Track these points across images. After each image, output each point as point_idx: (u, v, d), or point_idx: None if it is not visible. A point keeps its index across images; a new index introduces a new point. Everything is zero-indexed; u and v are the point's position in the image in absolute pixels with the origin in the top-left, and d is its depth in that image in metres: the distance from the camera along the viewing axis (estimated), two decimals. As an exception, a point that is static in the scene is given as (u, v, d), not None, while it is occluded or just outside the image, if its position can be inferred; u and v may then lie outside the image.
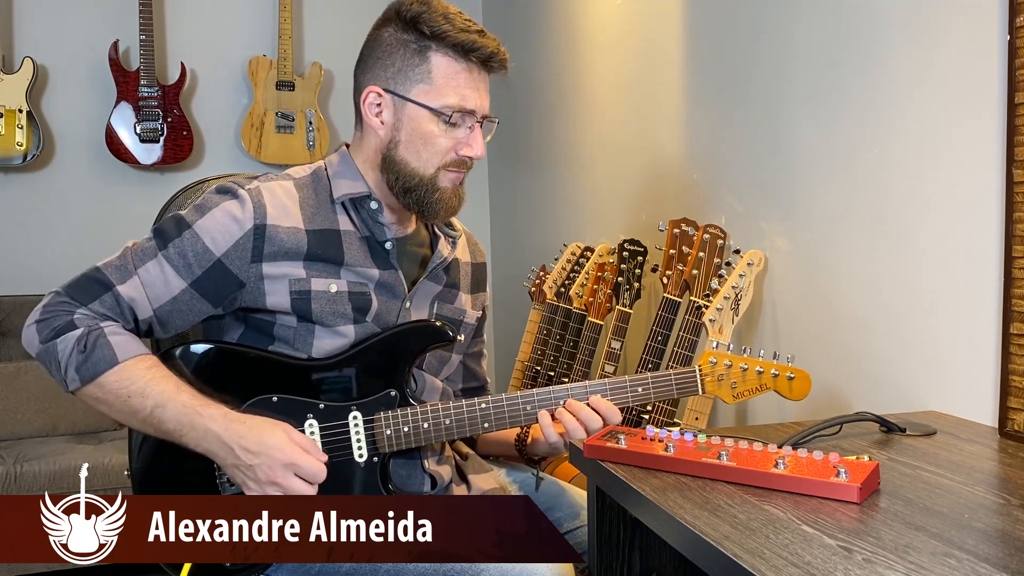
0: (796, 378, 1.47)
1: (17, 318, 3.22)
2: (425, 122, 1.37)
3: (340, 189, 1.42)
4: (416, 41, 1.37)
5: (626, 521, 1.29)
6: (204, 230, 1.35)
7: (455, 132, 1.38)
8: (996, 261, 1.43)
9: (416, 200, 1.40)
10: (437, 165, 1.39)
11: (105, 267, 1.35)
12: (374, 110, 1.40)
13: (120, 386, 1.29)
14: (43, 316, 1.32)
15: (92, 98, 3.44)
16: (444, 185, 1.40)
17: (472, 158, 1.40)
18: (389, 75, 1.39)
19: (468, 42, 1.36)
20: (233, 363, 1.39)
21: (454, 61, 1.37)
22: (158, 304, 1.35)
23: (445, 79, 1.37)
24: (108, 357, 1.29)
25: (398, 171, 1.39)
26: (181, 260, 1.34)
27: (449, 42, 1.36)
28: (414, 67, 1.37)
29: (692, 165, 2.34)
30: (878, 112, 1.70)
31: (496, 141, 4.24)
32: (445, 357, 1.49)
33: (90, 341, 1.29)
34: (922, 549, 0.90)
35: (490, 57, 1.38)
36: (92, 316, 1.32)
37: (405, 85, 1.38)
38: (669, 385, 1.45)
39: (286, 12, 3.56)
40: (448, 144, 1.38)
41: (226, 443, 1.28)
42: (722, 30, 2.20)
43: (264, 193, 1.38)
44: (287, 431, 1.30)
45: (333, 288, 1.37)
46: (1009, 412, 1.39)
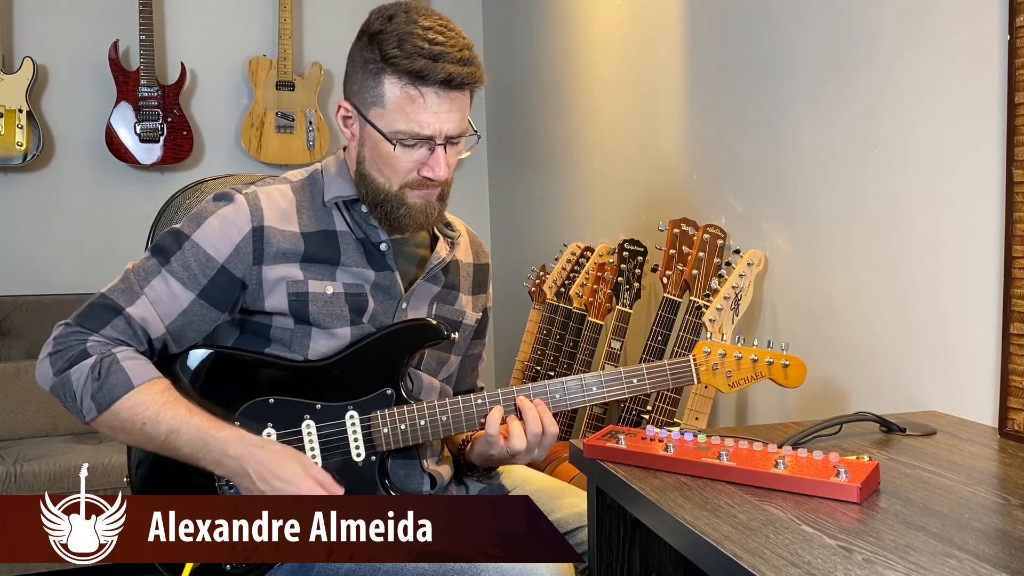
0: (791, 365, 1.46)
1: (17, 318, 3.22)
2: (382, 144, 1.33)
3: (332, 192, 1.41)
4: (373, 62, 1.31)
5: (626, 521, 1.29)
6: (204, 239, 1.35)
7: (413, 154, 1.34)
8: (996, 261, 1.43)
9: (384, 213, 1.38)
10: (400, 183, 1.35)
11: (110, 292, 1.34)
12: (345, 123, 1.39)
13: (134, 412, 1.29)
14: (56, 348, 1.31)
15: (92, 98, 3.43)
16: (412, 201, 1.36)
17: (433, 180, 1.35)
18: (354, 91, 1.36)
19: (418, 69, 1.28)
20: (229, 367, 1.39)
21: (406, 87, 1.30)
22: (169, 320, 1.34)
23: (396, 105, 1.31)
24: (123, 382, 1.29)
25: (366, 185, 1.38)
26: (185, 272, 1.34)
27: (399, 68, 1.29)
28: (370, 89, 1.33)
29: (692, 165, 2.34)
30: (878, 112, 1.70)
31: (496, 141, 4.24)
32: (443, 358, 1.49)
33: (104, 367, 1.29)
34: (922, 549, 0.90)
35: (447, 81, 1.29)
36: (105, 342, 1.31)
37: (364, 104, 1.34)
38: (664, 375, 1.43)
39: (286, 12, 3.56)
40: (408, 165, 1.34)
41: (243, 467, 1.29)
42: (722, 30, 2.20)
43: (261, 197, 1.37)
44: (304, 464, 1.30)
45: (329, 290, 1.37)
46: (1009, 412, 1.39)
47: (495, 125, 3.78)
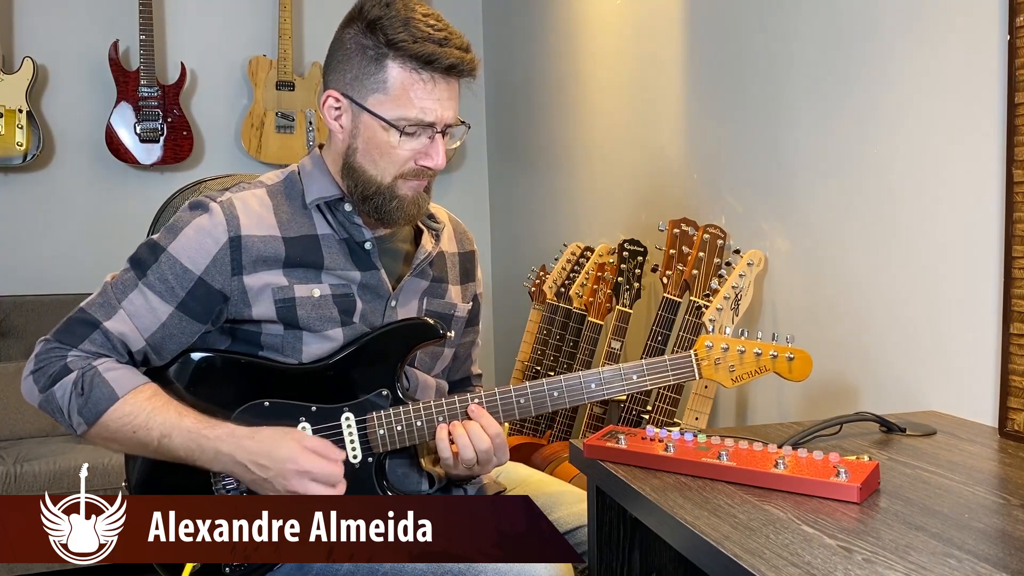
0: (796, 359, 1.41)
1: (17, 318, 3.22)
2: (380, 132, 1.32)
3: (312, 193, 1.39)
4: (374, 47, 1.31)
5: (626, 521, 1.29)
6: (180, 250, 1.33)
7: (412, 142, 1.33)
8: (996, 261, 1.43)
9: (375, 207, 1.36)
10: (394, 174, 1.35)
11: (88, 306, 1.34)
12: (333, 114, 1.37)
13: (124, 422, 1.29)
14: (37, 366, 1.31)
15: (92, 98, 3.43)
16: (403, 193, 1.36)
17: (431, 169, 1.35)
18: (347, 80, 1.34)
19: (425, 53, 1.29)
20: (223, 370, 1.38)
21: (412, 72, 1.30)
22: (148, 333, 1.33)
23: (401, 90, 1.31)
24: (107, 394, 1.28)
25: (356, 178, 1.36)
26: (163, 285, 1.33)
27: (406, 52, 1.29)
28: (371, 75, 1.31)
29: (692, 165, 2.34)
30: (878, 112, 1.70)
31: (496, 141, 4.24)
32: (437, 353, 1.48)
33: (86, 382, 1.28)
34: (922, 549, 0.90)
35: (451, 67, 1.31)
36: (84, 356, 1.31)
37: (362, 92, 1.33)
38: (665, 370, 1.40)
39: (286, 12, 3.56)
40: (405, 155, 1.34)
41: (239, 461, 1.28)
42: (722, 30, 2.20)
43: (236, 204, 1.36)
44: (298, 438, 1.30)
45: (316, 293, 1.36)
46: (1009, 412, 1.39)
47: (495, 125, 3.78)
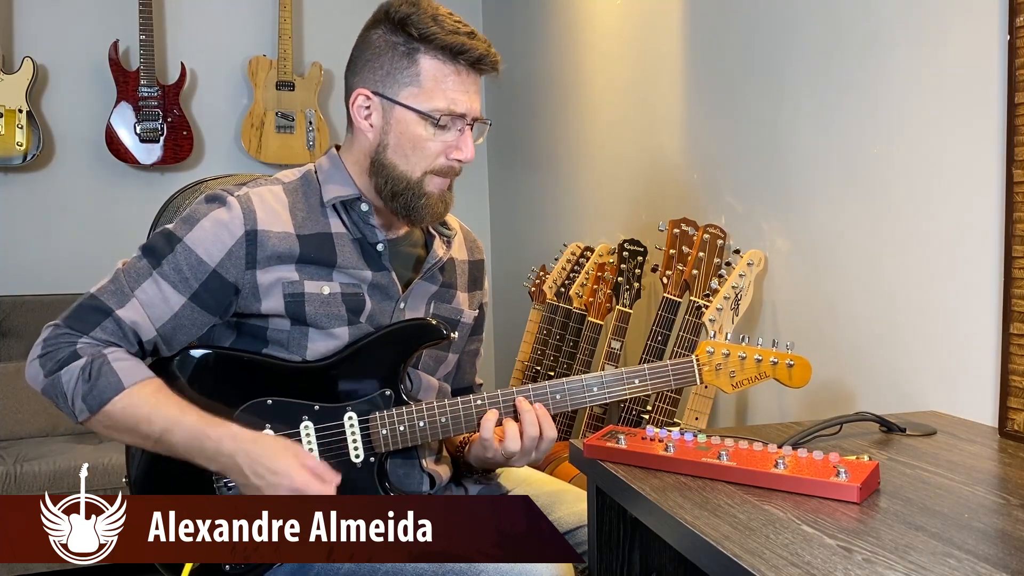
0: (796, 365, 1.44)
1: (17, 318, 3.22)
2: (414, 125, 1.36)
3: (330, 192, 1.41)
4: (405, 43, 1.35)
5: (626, 521, 1.29)
6: (196, 242, 1.34)
7: (444, 135, 1.37)
8: (996, 261, 1.43)
9: (403, 204, 1.38)
10: (425, 169, 1.37)
11: (100, 292, 1.34)
12: (363, 113, 1.39)
13: (127, 414, 1.29)
14: (45, 350, 1.31)
15: (92, 98, 3.44)
16: (430, 190, 1.38)
17: (462, 161, 1.38)
18: (378, 77, 1.37)
19: (457, 44, 1.34)
20: (227, 367, 1.38)
21: (443, 64, 1.35)
22: (160, 323, 1.34)
23: (434, 82, 1.35)
24: (114, 384, 1.28)
25: (387, 175, 1.38)
26: (177, 275, 1.33)
27: (438, 44, 1.33)
28: (403, 70, 1.35)
29: (692, 165, 2.34)
30: (878, 112, 1.70)
31: (496, 141, 4.24)
32: (441, 356, 1.49)
33: (94, 369, 1.28)
34: (922, 549, 0.90)
35: (480, 59, 1.36)
36: (95, 344, 1.31)
37: (394, 88, 1.36)
38: (666, 376, 1.43)
39: (286, 12, 3.56)
40: (437, 148, 1.37)
41: (237, 464, 1.28)
42: (722, 30, 2.20)
43: (253, 199, 1.37)
44: (298, 455, 1.30)
45: (326, 290, 1.37)
46: (1009, 412, 1.39)
47: (495, 125, 3.77)
